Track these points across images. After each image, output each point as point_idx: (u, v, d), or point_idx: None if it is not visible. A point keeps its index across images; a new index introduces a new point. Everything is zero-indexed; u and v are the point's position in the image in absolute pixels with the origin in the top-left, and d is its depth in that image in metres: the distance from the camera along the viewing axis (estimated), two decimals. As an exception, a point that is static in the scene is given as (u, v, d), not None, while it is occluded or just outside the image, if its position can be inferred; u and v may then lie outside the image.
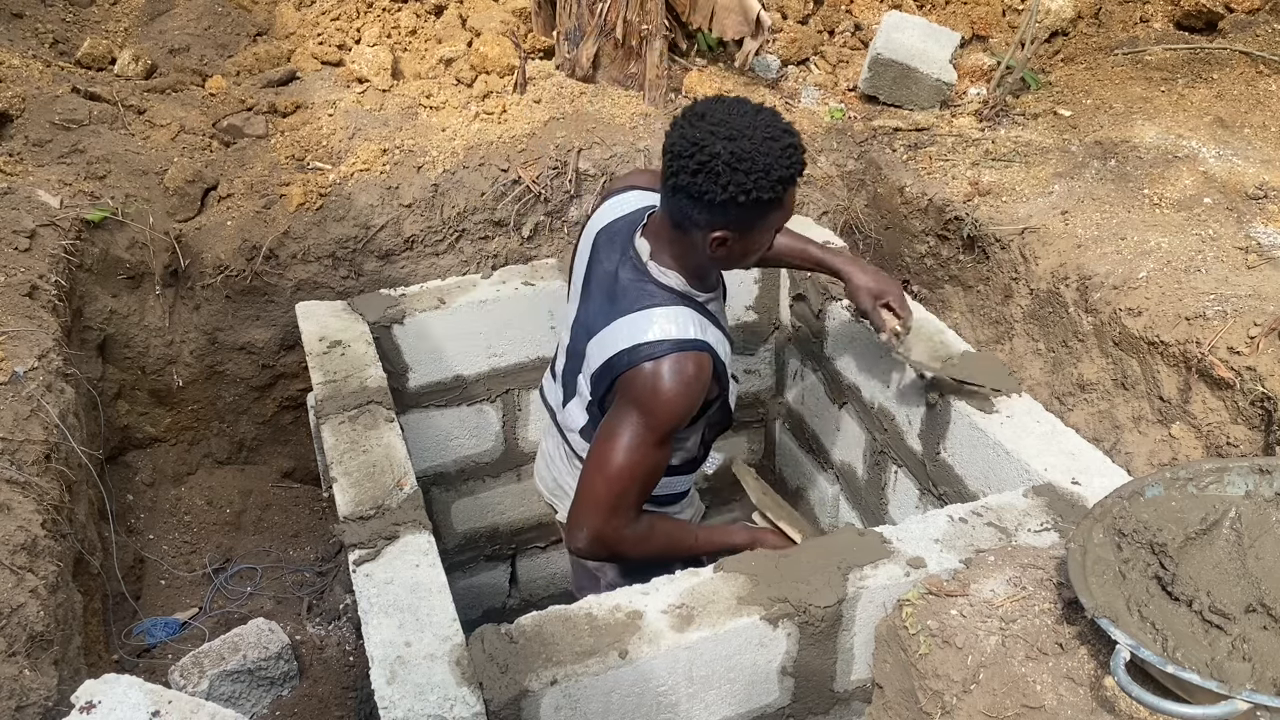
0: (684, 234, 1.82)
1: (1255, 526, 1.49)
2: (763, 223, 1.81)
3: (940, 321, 2.60)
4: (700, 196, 1.73)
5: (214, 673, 2.07)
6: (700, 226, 1.78)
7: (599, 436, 1.87)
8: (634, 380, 1.81)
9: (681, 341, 1.80)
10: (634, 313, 1.84)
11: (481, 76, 3.28)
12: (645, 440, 1.81)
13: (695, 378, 1.81)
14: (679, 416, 1.83)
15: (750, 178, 1.70)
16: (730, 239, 1.79)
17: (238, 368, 2.89)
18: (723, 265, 1.91)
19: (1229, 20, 3.50)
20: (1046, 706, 1.39)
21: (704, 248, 1.80)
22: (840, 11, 3.97)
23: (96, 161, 2.84)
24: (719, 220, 1.76)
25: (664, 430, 1.82)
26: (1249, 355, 2.07)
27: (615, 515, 1.84)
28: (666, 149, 1.77)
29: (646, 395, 1.79)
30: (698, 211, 1.76)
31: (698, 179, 1.72)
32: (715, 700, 1.80)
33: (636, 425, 1.81)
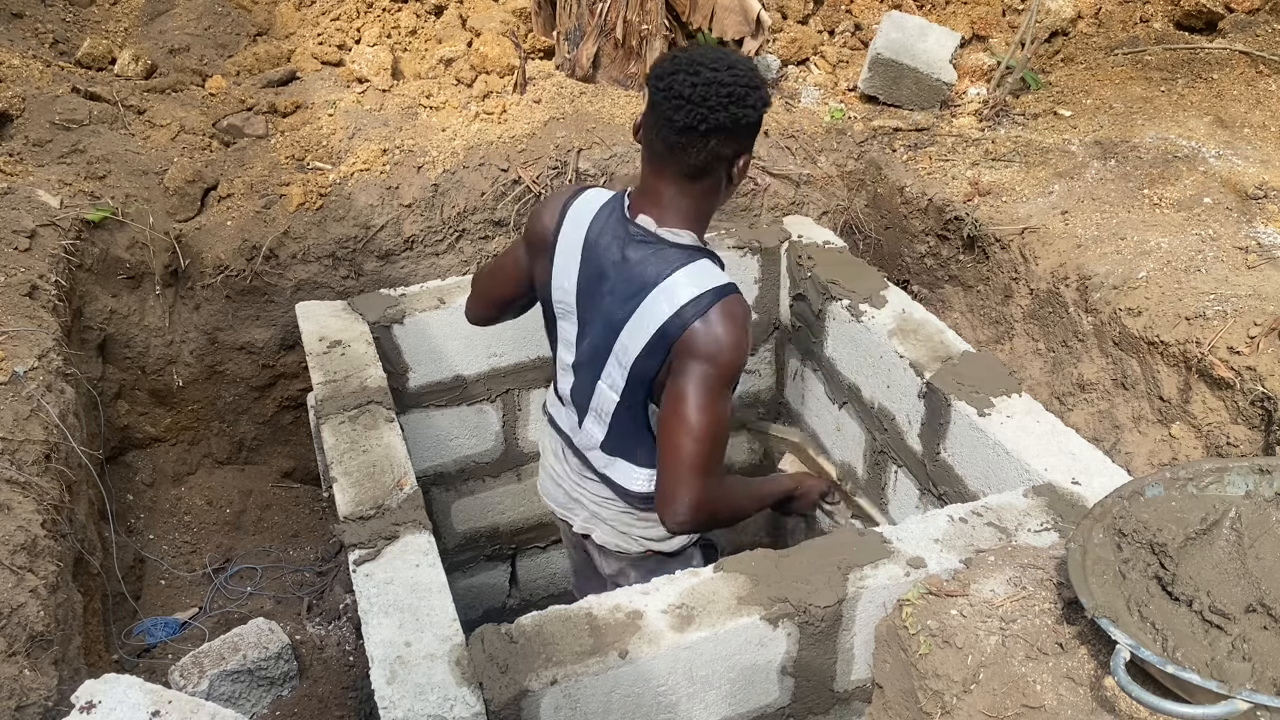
0: (703, 178, 1.90)
1: (1255, 526, 1.49)
2: (756, 132, 1.96)
3: (940, 321, 2.60)
4: (738, 123, 1.85)
5: (214, 673, 2.07)
6: (727, 158, 1.89)
7: (670, 405, 1.85)
8: (694, 338, 1.84)
9: (718, 289, 1.86)
10: (663, 281, 1.88)
11: (481, 76, 3.29)
12: (718, 392, 1.84)
13: (744, 315, 1.89)
14: (744, 357, 1.88)
15: (760, 89, 1.88)
16: (749, 158, 1.93)
17: (238, 368, 2.89)
18: (728, 197, 2.00)
19: (1229, 20, 3.50)
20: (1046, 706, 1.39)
21: (726, 178, 1.92)
22: (840, 11, 3.97)
23: (96, 161, 2.84)
24: (746, 142, 1.90)
25: (732, 376, 1.86)
26: (1249, 355, 2.07)
27: (710, 475, 1.83)
28: (679, 104, 1.82)
29: (711, 349, 1.82)
30: (730, 144, 1.87)
31: (730, 108, 1.82)
32: (715, 700, 1.80)
33: (707, 379, 1.82)
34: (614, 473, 2.10)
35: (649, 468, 2.03)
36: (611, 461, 2.10)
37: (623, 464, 2.08)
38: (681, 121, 1.82)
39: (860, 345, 2.67)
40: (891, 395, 2.56)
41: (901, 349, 2.48)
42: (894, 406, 2.56)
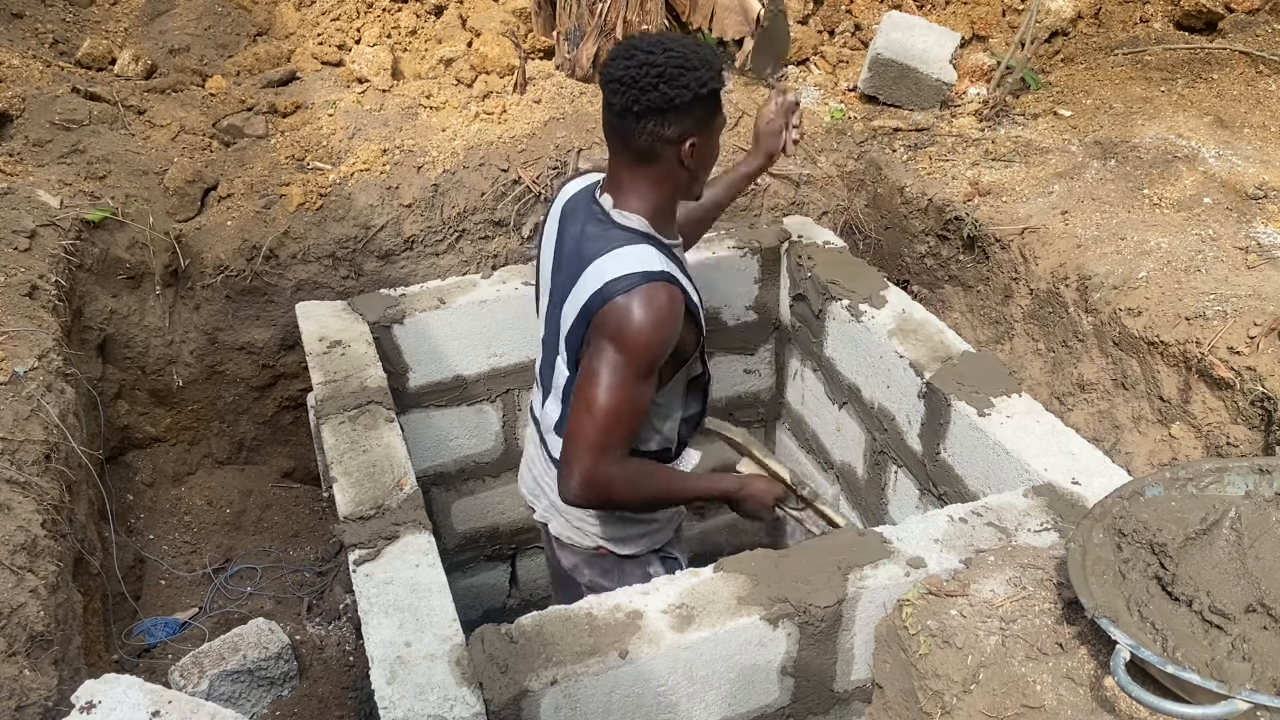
0: (652, 163, 1.92)
1: (1255, 526, 1.49)
2: (716, 118, 1.95)
3: (940, 321, 2.60)
4: (670, 104, 1.85)
5: (214, 673, 2.07)
6: (672, 141, 1.89)
7: (580, 380, 1.88)
8: (607, 317, 1.84)
9: (648, 273, 1.86)
10: (598, 259, 1.90)
11: (481, 77, 3.29)
12: (626, 376, 1.83)
13: (667, 306, 1.86)
14: (656, 347, 1.86)
15: (700, 69, 1.86)
16: (698, 142, 1.91)
17: (238, 368, 2.89)
18: (689, 184, 1.98)
19: (1229, 20, 3.50)
20: (1046, 706, 1.39)
21: (677, 163, 1.91)
22: (840, 11, 3.97)
23: (96, 161, 2.84)
24: (688, 124, 1.88)
25: (643, 363, 1.84)
26: (1249, 355, 2.07)
27: (604, 455, 1.84)
28: (614, 86, 1.88)
29: (620, 328, 1.83)
30: (667, 125, 1.87)
31: (660, 88, 1.84)
32: (715, 700, 1.80)
33: (615, 361, 1.83)
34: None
35: None
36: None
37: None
38: (618, 104, 1.87)
39: (860, 345, 2.67)
40: (891, 395, 2.56)
41: (901, 349, 2.48)
42: (894, 406, 2.56)
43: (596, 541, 2.14)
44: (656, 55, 1.84)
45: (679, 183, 1.96)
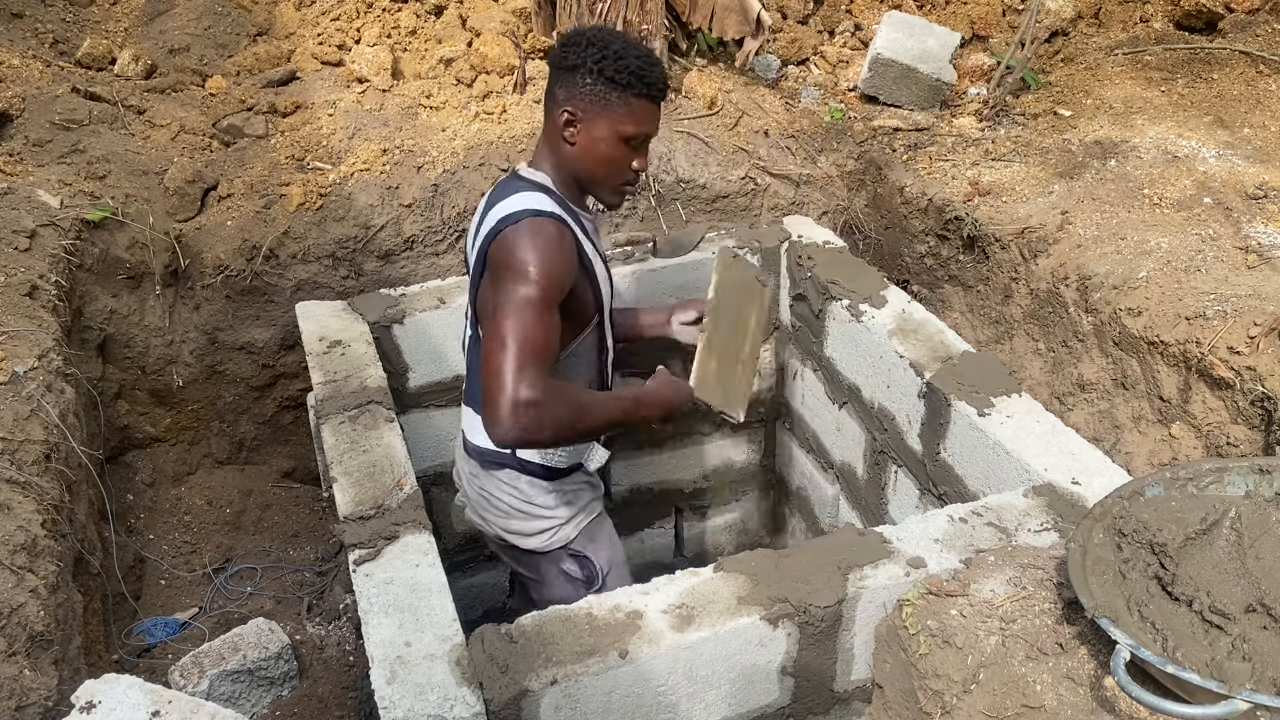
0: (547, 122, 2.01)
1: (1255, 526, 1.49)
2: (607, 113, 1.95)
3: (940, 321, 2.60)
4: (561, 63, 1.95)
5: (214, 673, 2.07)
6: (558, 102, 1.96)
7: (485, 321, 1.88)
8: (499, 247, 1.88)
9: (537, 210, 1.91)
10: (496, 204, 1.96)
11: (481, 76, 3.28)
12: (526, 300, 1.83)
13: (556, 238, 1.90)
14: (550, 274, 1.86)
15: (608, 52, 1.92)
16: (576, 117, 1.95)
17: (238, 368, 2.89)
18: (579, 165, 2.00)
19: (1229, 20, 3.50)
20: (1046, 706, 1.39)
21: (559, 129, 1.97)
22: (840, 11, 3.97)
23: (96, 161, 2.84)
24: (572, 93, 1.95)
25: (543, 288, 1.84)
26: (1249, 355, 2.07)
27: (521, 375, 1.78)
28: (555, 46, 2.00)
29: (510, 256, 1.86)
30: (558, 85, 1.96)
31: (565, 49, 1.94)
32: (715, 700, 1.80)
33: (512, 291, 1.83)
34: (466, 425, 2.17)
35: None
36: (467, 413, 2.16)
37: (469, 412, 2.14)
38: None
39: (860, 345, 2.67)
40: (891, 395, 2.56)
41: (901, 349, 2.48)
42: (894, 406, 2.56)
43: (497, 531, 2.19)
44: (592, 31, 1.96)
45: (569, 156, 2.00)
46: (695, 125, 3.24)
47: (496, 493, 2.15)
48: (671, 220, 3.15)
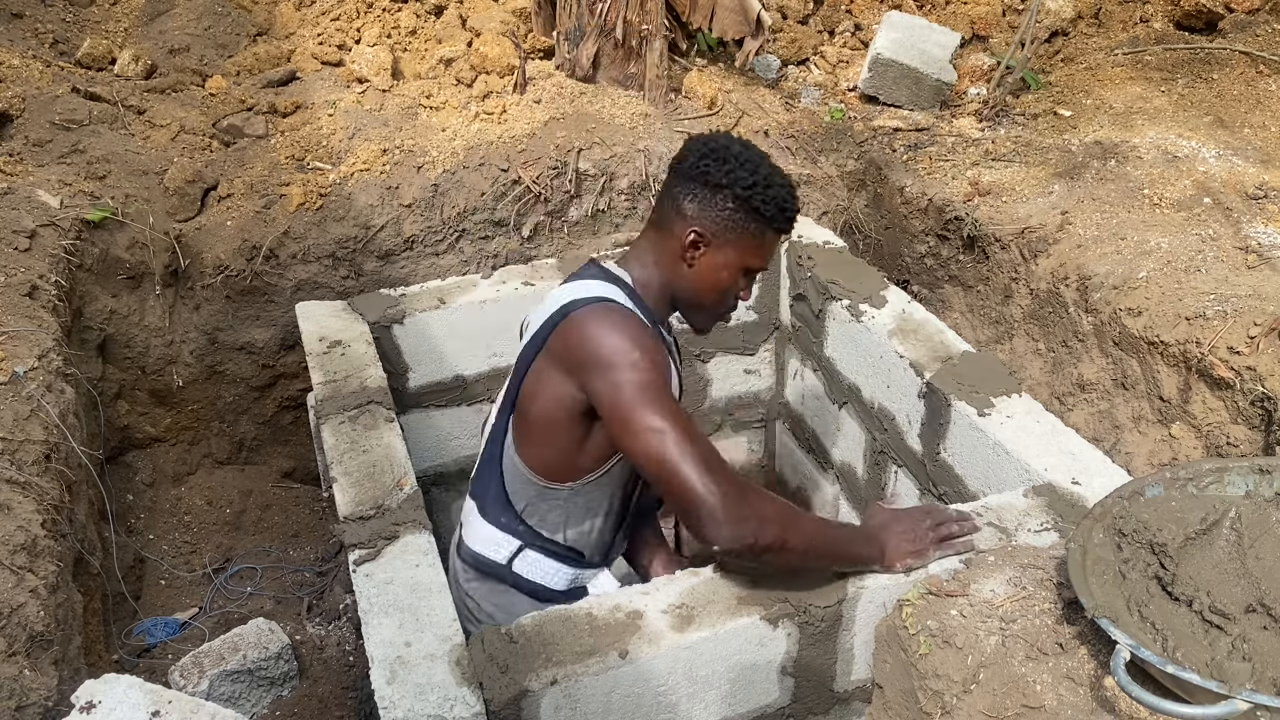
0: (662, 232, 1.80)
1: (1255, 526, 1.49)
2: (740, 242, 1.78)
3: (940, 321, 2.60)
4: (700, 177, 1.74)
5: (214, 673, 2.07)
6: (685, 217, 1.76)
7: (612, 424, 1.63)
8: (568, 333, 1.68)
9: (606, 299, 1.74)
10: (561, 287, 1.81)
11: (481, 76, 3.29)
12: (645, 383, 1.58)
13: (636, 322, 1.70)
14: (653, 354, 1.65)
15: (755, 177, 1.74)
16: (705, 240, 1.76)
17: (238, 368, 2.89)
18: (686, 287, 1.82)
19: (1229, 20, 3.50)
20: (1046, 706, 1.39)
21: (679, 248, 1.78)
22: (840, 11, 3.97)
23: (96, 161, 2.84)
24: (707, 214, 1.75)
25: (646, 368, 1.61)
26: (1249, 355, 2.07)
27: (717, 467, 1.52)
28: (683, 145, 1.81)
29: (596, 341, 1.64)
30: (689, 199, 1.76)
31: (704, 162, 1.74)
32: (715, 700, 1.80)
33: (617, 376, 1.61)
34: (466, 520, 1.98)
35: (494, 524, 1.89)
36: (470, 508, 1.97)
37: (472, 507, 1.96)
38: (671, 167, 1.80)
39: (860, 345, 2.67)
40: (891, 395, 2.56)
41: (901, 349, 2.48)
42: (894, 406, 2.56)
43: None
44: (734, 144, 1.76)
45: (682, 276, 1.80)
46: (695, 125, 3.24)
47: (483, 604, 1.96)
48: (671, 220, 3.15)
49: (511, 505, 1.90)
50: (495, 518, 1.92)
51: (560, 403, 1.75)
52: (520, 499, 1.90)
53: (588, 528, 1.92)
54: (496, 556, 1.92)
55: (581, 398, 1.71)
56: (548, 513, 1.89)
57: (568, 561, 1.92)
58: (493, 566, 1.93)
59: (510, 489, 1.90)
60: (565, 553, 1.92)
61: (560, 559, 1.92)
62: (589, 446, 1.81)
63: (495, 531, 1.93)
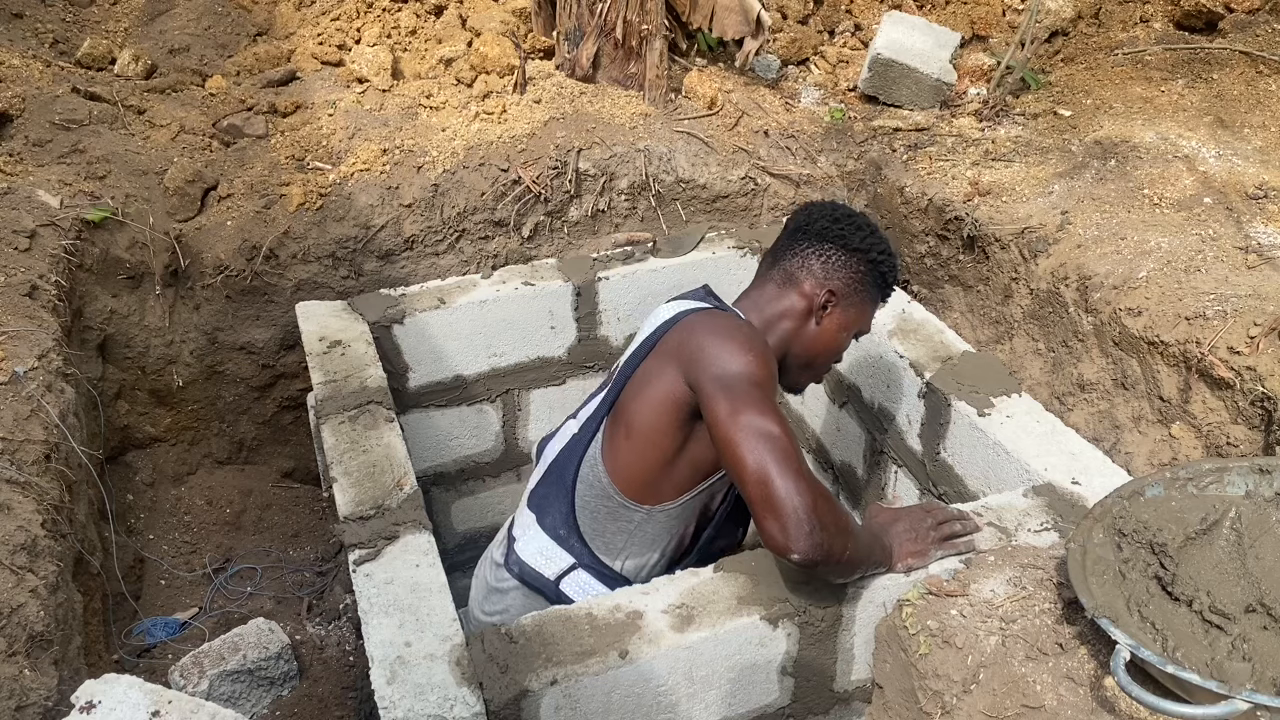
0: (786, 289, 1.84)
1: (1255, 526, 1.49)
2: (862, 305, 1.87)
3: (940, 321, 2.60)
4: (837, 239, 1.81)
5: (214, 673, 2.07)
6: (817, 277, 1.82)
7: (715, 425, 1.59)
8: (685, 330, 1.69)
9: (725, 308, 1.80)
10: (672, 301, 1.85)
11: (481, 76, 3.28)
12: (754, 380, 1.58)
13: (747, 324, 1.74)
14: (757, 350, 1.64)
15: (885, 245, 1.85)
16: (836, 301, 1.82)
17: (238, 368, 2.89)
18: (808, 342, 1.85)
19: (1229, 20, 3.50)
20: (1046, 706, 1.39)
21: (807, 306, 1.82)
22: (840, 11, 3.97)
23: (96, 161, 2.84)
24: (839, 275, 1.82)
25: (759, 369, 1.60)
26: (1249, 355, 2.07)
27: (801, 474, 1.51)
28: (808, 208, 1.89)
29: (714, 336, 1.65)
30: (821, 260, 1.82)
31: (839, 226, 1.81)
32: (715, 700, 1.80)
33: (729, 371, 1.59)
34: (520, 531, 1.98)
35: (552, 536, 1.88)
36: (529, 519, 1.98)
37: (533, 520, 1.97)
38: (796, 222, 1.88)
39: (860, 345, 2.67)
40: (891, 395, 2.56)
41: (901, 349, 2.48)
42: (894, 406, 2.56)
43: None
44: (858, 213, 1.86)
45: (803, 334, 1.83)
46: (695, 125, 3.25)
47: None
48: (671, 220, 3.15)
49: (575, 521, 1.88)
50: (554, 530, 1.90)
51: (665, 402, 1.73)
52: (588, 514, 1.87)
53: (645, 560, 1.90)
54: (546, 571, 1.90)
55: (688, 396, 1.70)
56: (614, 535, 1.87)
57: (615, 585, 1.90)
58: (539, 580, 1.91)
59: (580, 502, 1.88)
60: (617, 578, 1.90)
61: (610, 583, 1.89)
62: (679, 464, 1.79)
63: (551, 544, 1.90)
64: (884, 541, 1.76)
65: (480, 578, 2.08)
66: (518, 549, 1.97)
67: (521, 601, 1.95)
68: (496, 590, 2.00)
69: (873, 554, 1.73)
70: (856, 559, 1.65)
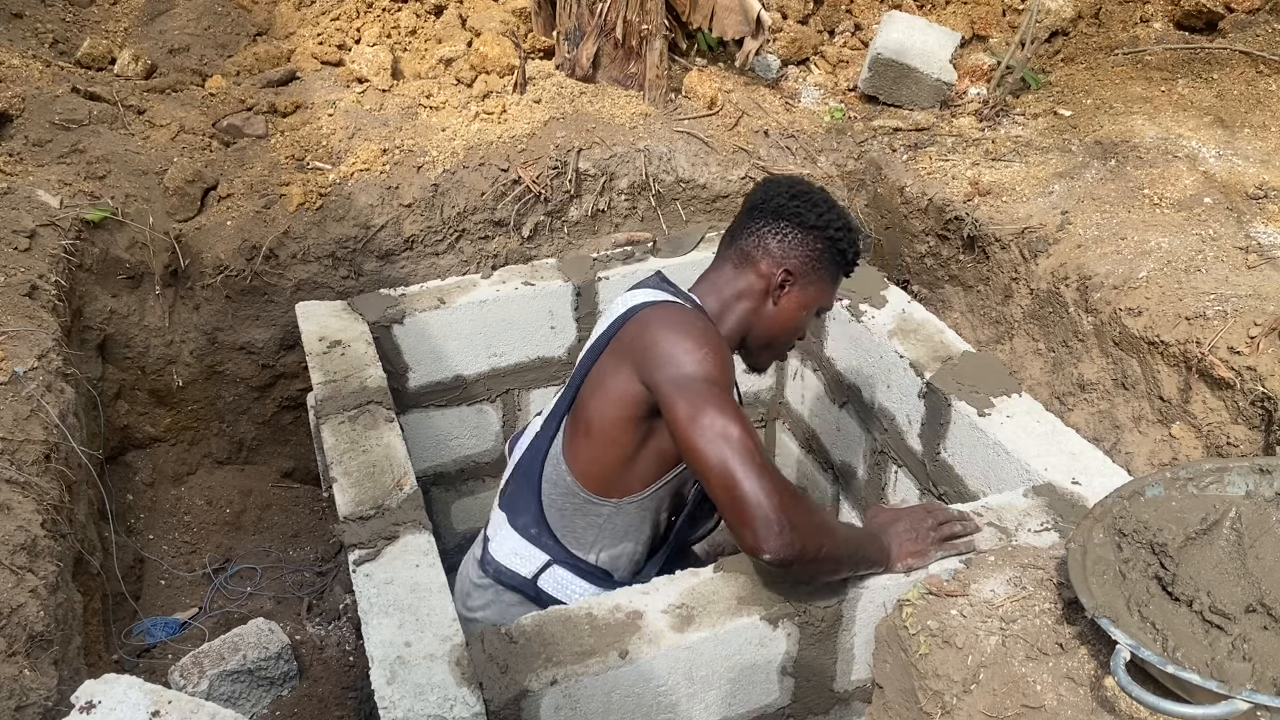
0: (743, 269, 1.82)
1: (1255, 526, 1.49)
2: (821, 283, 1.84)
3: (940, 321, 2.60)
4: (793, 217, 1.78)
5: (214, 673, 2.07)
6: (773, 256, 1.79)
7: (673, 422, 1.60)
8: (637, 331, 1.69)
9: (678, 302, 1.77)
10: (625, 294, 1.83)
11: (481, 76, 3.28)
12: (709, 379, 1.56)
13: (705, 321, 1.72)
14: (713, 348, 1.63)
15: (843, 221, 1.81)
16: (793, 280, 1.80)
17: (238, 368, 2.89)
18: (767, 322, 1.83)
19: (1229, 20, 3.50)
20: (1046, 706, 1.39)
21: (764, 286, 1.81)
22: (840, 11, 3.97)
23: (96, 161, 2.84)
24: (795, 253, 1.79)
25: (718, 369, 1.60)
26: (1249, 355, 2.07)
27: (765, 473, 1.50)
28: (764, 185, 1.85)
29: (666, 334, 1.64)
30: (777, 238, 1.79)
31: (795, 203, 1.78)
32: (715, 700, 1.80)
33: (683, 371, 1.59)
34: (494, 531, 1.98)
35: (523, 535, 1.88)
36: (499, 519, 1.98)
37: (503, 519, 1.96)
38: (753, 199, 1.84)
39: (860, 345, 2.67)
40: (891, 395, 2.56)
41: (901, 349, 2.48)
42: (894, 406, 2.56)
43: None
44: (817, 188, 1.83)
45: (761, 314, 1.82)
46: (695, 125, 3.25)
47: (495, 619, 1.90)
48: (671, 220, 3.15)
49: (545, 518, 1.88)
50: (525, 529, 1.90)
51: (622, 401, 1.73)
52: (556, 511, 1.87)
53: (620, 551, 1.90)
54: (522, 570, 1.90)
55: (645, 395, 1.70)
56: (584, 530, 1.87)
57: (596, 580, 1.90)
58: (516, 580, 1.91)
59: (547, 500, 1.87)
60: (595, 571, 1.90)
61: (589, 578, 1.90)
62: (641, 458, 1.79)
63: (524, 544, 1.90)
64: (883, 541, 1.76)
65: (463, 575, 2.08)
66: (491, 550, 1.97)
67: (499, 605, 1.95)
68: (478, 587, 2.00)
69: (863, 550, 1.72)
70: (837, 555, 1.63)
